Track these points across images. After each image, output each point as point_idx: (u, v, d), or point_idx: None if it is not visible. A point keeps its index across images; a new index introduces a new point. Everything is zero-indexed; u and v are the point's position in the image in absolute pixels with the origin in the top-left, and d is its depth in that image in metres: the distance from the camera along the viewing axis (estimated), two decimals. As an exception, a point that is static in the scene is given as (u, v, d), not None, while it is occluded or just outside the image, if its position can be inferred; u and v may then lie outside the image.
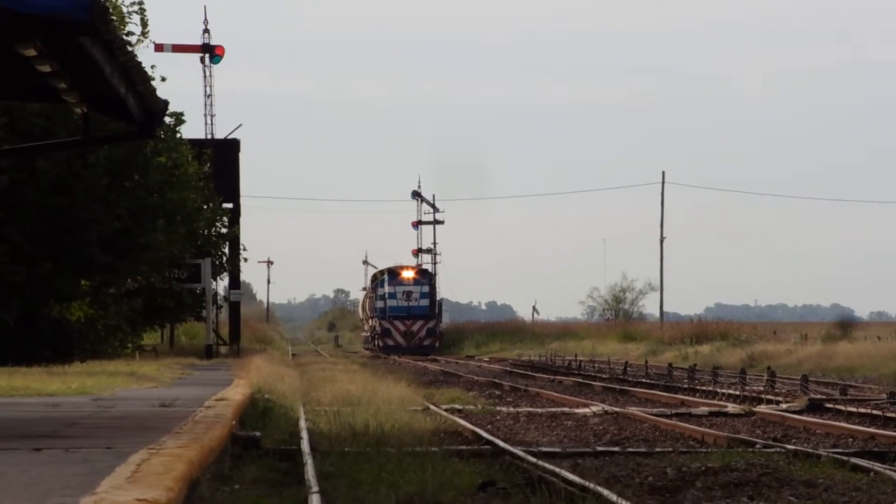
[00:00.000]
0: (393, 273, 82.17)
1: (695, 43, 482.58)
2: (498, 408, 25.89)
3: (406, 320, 79.17)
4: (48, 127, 32.78)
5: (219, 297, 55.07)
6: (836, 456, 15.34)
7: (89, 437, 13.11)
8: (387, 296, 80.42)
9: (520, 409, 25.47)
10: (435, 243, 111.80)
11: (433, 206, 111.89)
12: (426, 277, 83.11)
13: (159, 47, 58.81)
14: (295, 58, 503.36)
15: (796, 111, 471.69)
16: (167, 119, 41.09)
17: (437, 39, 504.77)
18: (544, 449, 16.96)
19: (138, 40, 35.98)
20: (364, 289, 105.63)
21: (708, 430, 19.98)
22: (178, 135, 43.31)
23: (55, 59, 13.71)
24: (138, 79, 15.21)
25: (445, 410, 23.68)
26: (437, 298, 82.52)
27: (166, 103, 17.11)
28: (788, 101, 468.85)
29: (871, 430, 20.00)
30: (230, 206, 55.33)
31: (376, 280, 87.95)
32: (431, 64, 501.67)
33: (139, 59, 15.31)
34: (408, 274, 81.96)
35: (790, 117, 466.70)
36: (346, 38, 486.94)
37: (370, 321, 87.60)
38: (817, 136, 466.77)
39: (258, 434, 16.00)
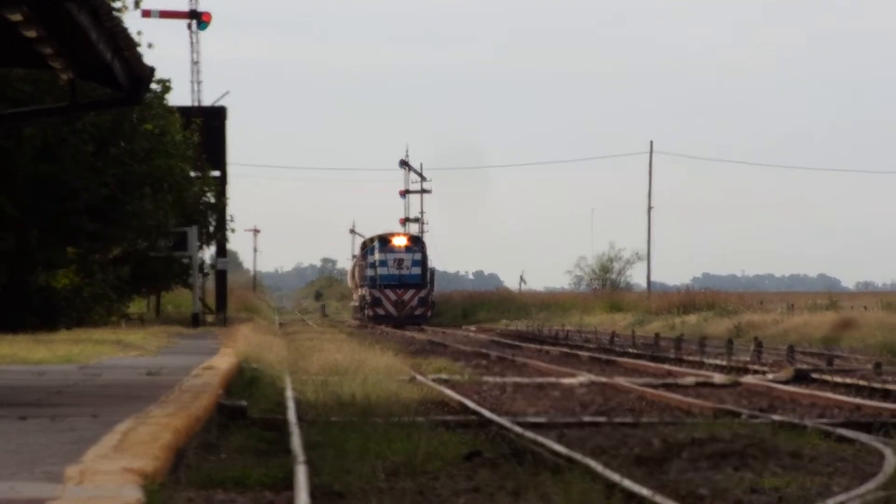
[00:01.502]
0: (384, 240, 79.17)
1: (687, 12, 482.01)
2: (485, 378, 25.91)
3: (397, 289, 76.12)
4: (35, 93, 32.64)
5: (205, 266, 54.99)
6: (821, 426, 15.37)
7: (75, 405, 13.09)
8: (377, 263, 77.35)
9: (506, 380, 25.50)
10: (422, 212, 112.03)
11: (421, 175, 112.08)
12: (418, 245, 79.94)
13: (146, 13, 58.71)
14: (283, 25, 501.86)
15: (785, 81, 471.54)
16: (154, 86, 40.94)
17: (426, 7, 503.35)
18: (531, 419, 16.97)
19: (123, 7, 35.74)
20: (354, 256, 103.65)
21: (694, 400, 20.02)
22: (165, 101, 43.13)
23: (41, 25, 13.63)
24: (124, 44, 15.13)
25: (432, 380, 23.69)
26: (430, 266, 79.56)
27: (152, 70, 17.03)
28: (779, 71, 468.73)
29: (857, 400, 20.07)
30: (217, 173, 55.21)
31: (366, 247, 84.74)
32: (420, 32, 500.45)
33: (125, 25, 15.23)
34: (399, 241, 78.99)
35: (778, 87, 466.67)
36: (334, 6, 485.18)
37: (360, 290, 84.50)
38: (807, 106, 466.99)
39: (245, 403, 16.00)
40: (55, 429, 10.84)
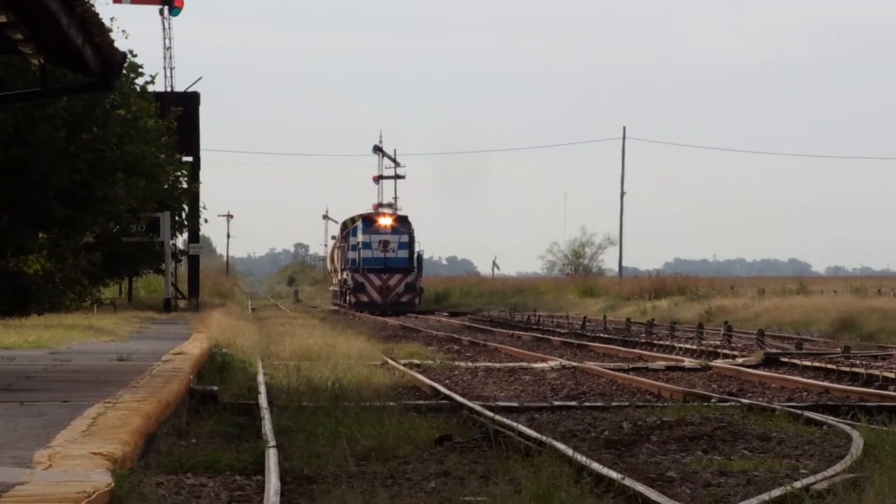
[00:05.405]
0: (368, 220, 72.14)
1: (660, 1, 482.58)
2: (456, 363, 25.98)
3: (382, 274, 69.24)
4: (6, 78, 32.46)
5: (178, 251, 54.85)
6: (790, 409, 15.49)
7: (45, 390, 13.07)
8: (361, 246, 70.23)
9: (478, 364, 25.57)
10: (396, 197, 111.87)
11: (394, 160, 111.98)
12: (405, 226, 71.86)
13: (118, -1, 58.39)
14: (256, 10, 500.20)
15: (758, 69, 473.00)
16: (130, 73, 40.84)
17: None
18: (502, 404, 17.05)
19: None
20: (333, 237, 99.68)
21: (664, 384, 20.12)
22: (136, 86, 42.98)
23: (11, 10, 13.59)
24: (95, 30, 15.09)
25: (404, 365, 23.74)
26: (417, 250, 71.96)
27: (124, 55, 17.00)
28: (750, 59, 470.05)
29: (826, 383, 20.21)
30: (190, 159, 55.03)
31: (347, 228, 78.01)
32: (392, 16, 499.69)
33: (96, 11, 15.18)
34: (385, 221, 71.72)
35: (750, 74, 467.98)
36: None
37: (340, 274, 77.80)
38: (779, 93, 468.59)
39: (216, 388, 16.01)
40: (24, 413, 10.83)
